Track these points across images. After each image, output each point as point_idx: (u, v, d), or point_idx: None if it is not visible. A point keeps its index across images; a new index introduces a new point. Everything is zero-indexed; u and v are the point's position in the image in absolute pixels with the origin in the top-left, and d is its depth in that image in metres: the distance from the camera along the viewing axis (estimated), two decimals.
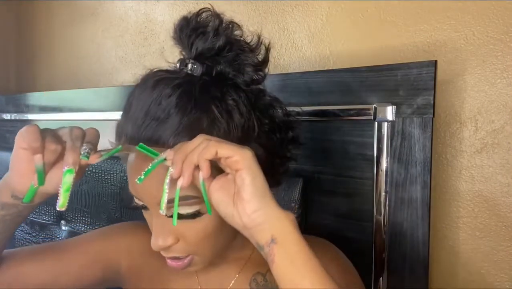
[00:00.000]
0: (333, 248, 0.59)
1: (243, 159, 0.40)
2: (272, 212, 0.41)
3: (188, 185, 0.41)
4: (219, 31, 0.50)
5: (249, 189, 0.40)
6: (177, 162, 0.41)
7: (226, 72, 0.51)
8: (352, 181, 0.73)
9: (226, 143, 0.41)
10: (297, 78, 0.78)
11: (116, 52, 1.29)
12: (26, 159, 0.45)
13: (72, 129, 0.47)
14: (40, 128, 0.46)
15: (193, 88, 0.47)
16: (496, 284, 0.70)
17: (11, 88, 1.65)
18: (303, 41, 0.89)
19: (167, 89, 0.46)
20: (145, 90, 0.48)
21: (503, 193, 0.69)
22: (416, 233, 0.67)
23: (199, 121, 0.45)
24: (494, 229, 0.70)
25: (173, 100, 0.45)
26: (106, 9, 1.32)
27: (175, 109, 0.45)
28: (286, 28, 0.92)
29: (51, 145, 0.45)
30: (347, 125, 0.73)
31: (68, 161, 0.44)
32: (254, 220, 0.40)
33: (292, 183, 0.74)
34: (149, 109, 0.46)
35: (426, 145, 0.65)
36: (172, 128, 0.45)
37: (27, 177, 0.46)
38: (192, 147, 0.41)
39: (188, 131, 0.45)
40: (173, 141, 0.45)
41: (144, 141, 0.45)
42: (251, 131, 0.49)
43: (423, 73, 0.65)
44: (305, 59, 0.89)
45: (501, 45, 0.68)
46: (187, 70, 0.49)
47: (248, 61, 0.51)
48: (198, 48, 0.50)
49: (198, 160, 0.40)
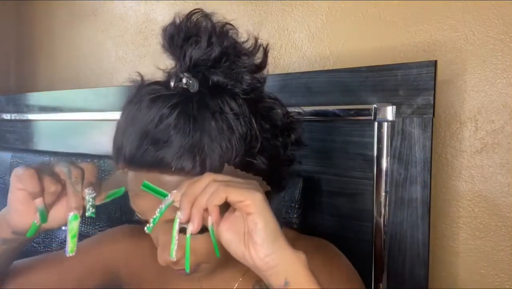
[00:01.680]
0: (333, 249, 0.59)
1: (254, 203, 0.39)
2: (285, 255, 0.40)
3: (198, 230, 0.40)
4: (213, 40, 0.47)
5: (262, 233, 0.39)
6: (185, 206, 0.40)
7: (223, 82, 0.48)
8: (352, 181, 0.73)
9: (235, 187, 0.39)
10: (297, 78, 0.78)
11: (116, 52, 1.29)
12: (24, 199, 0.45)
13: (70, 171, 0.46)
14: (36, 168, 0.45)
15: (191, 106, 0.45)
16: (496, 284, 0.70)
17: (11, 88, 1.65)
18: (303, 41, 0.89)
19: (163, 109, 0.44)
20: (140, 110, 0.46)
21: (503, 193, 0.69)
22: (416, 233, 0.67)
23: (200, 142, 0.44)
24: (494, 229, 0.70)
25: (171, 121, 0.44)
26: (106, 9, 1.32)
27: (174, 131, 0.44)
28: (286, 28, 0.92)
29: (50, 186, 0.45)
30: (347, 125, 0.73)
31: (72, 207, 0.44)
32: (267, 263, 0.40)
33: (292, 183, 0.74)
34: (147, 132, 0.44)
35: (426, 145, 0.65)
36: (173, 152, 0.43)
37: (27, 216, 0.46)
38: (200, 189, 0.40)
39: (189, 154, 0.44)
40: (175, 165, 0.43)
41: (144, 165, 0.44)
42: (254, 142, 0.47)
43: (423, 73, 0.65)
44: (305, 59, 0.89)
45: (501, 45, 0.68)
46: (182, 85, 0.47)
47: (246, 68, 0.49)
48: (192, 58, 0.47)
49: (207, 204, 0.39)
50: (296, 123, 0.54)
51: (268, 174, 0.48)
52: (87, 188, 0.46)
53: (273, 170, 0.50)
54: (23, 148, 1.38)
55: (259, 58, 0.50)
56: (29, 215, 0.46)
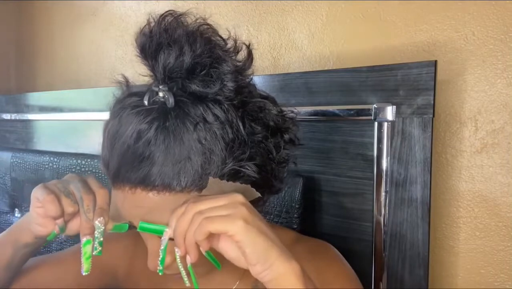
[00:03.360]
0: (333, 251, 0.58)
1: (237, 232, 0.39)
2: (277, 270, 0.40)
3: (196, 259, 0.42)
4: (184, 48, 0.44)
5: (251, 258, 0.40)
6: (179, 243, 0.42)
7: (202, 92, 0.45)
8: (352, 181, 0.73)
9: (216, 218, 0.40)
10: (297, 78, 0.78)
11: (116, 52, 1.29)
12: (44, 214, 0.50)
13: (83, 199, 0.49)
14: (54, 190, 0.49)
15: (170, 119, 0.43)
16: (496, 284, 0.70)
17: (11, 88, 1.65)
18: (303, 41, 0.89)
19: (142, 124, 0.43)
20: (121, 124, 0.45)
21: (503, 193, 0.69)
22: (416, 233, 0.67)
23: (182, 156, 0.43)
24: (494, 229, 0.70)
25: (150, 137, 0.43)
26: (106, 9, 1.32)
27: (154, 147, 0.43)
28: (286, 28, 0.92)
29: (68, 209, 0.49)
30: (347, 125, 0.73)
31: (85, 233, 0.48)
32: (262, 279, 0.41)
33: (292, 183, 0.74)
34: (128, 147, 0.44)
35: (426, 145, 0.65)
36: (155, 169, 0.43)
37: (48, 226, 0.51)
38: (187, 224, 0.41)
39: (172, 169, 0.43)
40: (159, 182, 0.43)
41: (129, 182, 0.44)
42: (243, 148, 0.46)
43: (423, 73, 0.65)
44: (305, 59, 0.89)
45: (501, 45, 0.68)
46: (159, 99, 0.45)
47: (226, 73, 0.46)
48: (166, 69, 0.45)
49: (195, 238, 0.40)
50: (289, 122, 0.52)
51: (262, 178, 0.48)
52: (98, 218, 0.48)
53: (267, 173, 0.49)
54: (23, 148, 1.38)
55: (241, 60, 0.48)
56: (50, 226, 0.50)
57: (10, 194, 1.26)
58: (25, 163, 1.20)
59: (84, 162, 1.05)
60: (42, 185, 0.50)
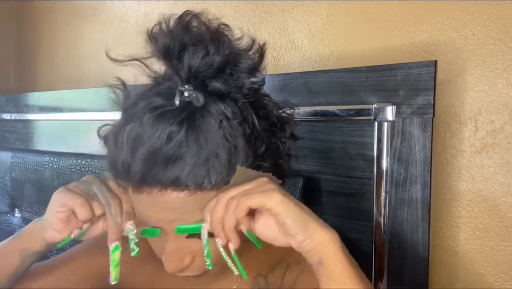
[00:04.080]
0: None
1: (277, 204, 0.42)
2: (318, 238, 0.43)
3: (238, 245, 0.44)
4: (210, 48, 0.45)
5: (291, 228, 0.42)
6: (219, 231, 0.43)
7: (225, 90, 0.47)
8: (352, 181, 0.73)
9: (253, 194, 0.42)
10: (297, 78, 0.78)
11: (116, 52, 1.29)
12: (66, 219, 0.50)
13: (110, 204, 0.48)
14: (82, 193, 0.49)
15: (197, 118, 0.44)
16: (496, 284, 0.70)
17: (11, 88, 1.65)
18: (303, 41, 0.89)
19: (171, 126, 0.43)
20: (144, 128, 0.44)
21: (503, 193, 0.69)
22: (416, 233, 0.67)
23: (212, 154, 0.43)
24: (494, 229, 0.70)
25: (181, 138, 0.43)
26: (106, 9, 1.32)
27: (186, 148, 0.43)
28: (286, 28, 0.92)
29: (98, 211, 0.49)
30: (347, 125, 0.73)
31: (113, 238, 0.47)
32: (303, 249, 0.43)
33: (292, 183, 0.74)
34: (157, 150, 0.43)
35: (426, 145, 0.65)
36: (187, 169, 0.43)
37: (65, 232, 0.50)
38: (222, 212, 0.43)
39: (203, 167, 0.43)
40: (190, 181, 0.43)
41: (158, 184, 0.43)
42: (260, 143, 0.47)
43: (423, 73, 0.65)
44: (305, 59, 0.89)
45: (501, 45, 0.68)
46: (185, 99, 0.45)
47: (244, 70, 0.47)
48: (192, 69, 0.46)
49: (235, 219, 0.42)
50: (288, 118, 0.54)
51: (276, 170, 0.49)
52: (128, 222, 0.48)
53: (277, 167, 0.50)
54: (23, 148, 1.38)
55: (255, 58, 0.49)
56: (67, 231, 0.50)
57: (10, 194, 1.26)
58: (25, 163, 1.20)
59: (84, 162, 1.05)
60: (64, 188, 0.49)
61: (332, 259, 0.43)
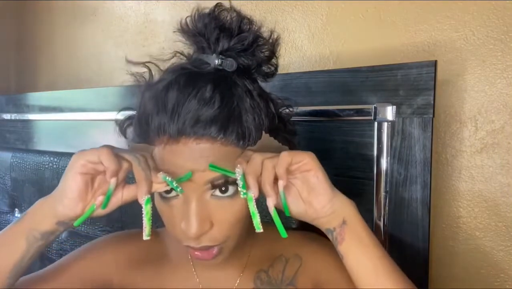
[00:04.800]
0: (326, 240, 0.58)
1: (312, 160, 0.47)
2: (341, 199, 0.48)
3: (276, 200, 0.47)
4: (244, 28, 0.52)
5: (324, 184, 0.47)
6: (252, 184, 0.46)
7: (249, 66, 0.53)
8: (352, 181, 0.73)
9: (293, 152, 0.46)
10: (297, 78, 0.78)
11: (116, 52, 1.29)
12: (84, 184, 0.46)
13: (138, 157, 0.46)
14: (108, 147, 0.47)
15: (229, 82, 0.50)
16: (496, 284, 0.70)
17: (11, 88, 1.65)
18: (303, 41, 0.89)
19: (207, 85, 0.47)
20: (180, 89, 0.47)
21: (503, 193, 0.69)
22: (416, 233, 0.67)
23: (241, 116, 0.48)
24: (494, 229, 0.70)
25: (215, 97, 0.47)
26: (106, 9, 1.32)
27: (221, 104, 0.47)
28: (286, 28, 0.92)
29: (125, 164, 0.46)
30: (347, 125, 0.73)
31: (144, 191, 0.45)
32: (330, 208, 0.47)
33: None
34: (193, 107, 0.46)
35: (426, 145, 0.65)
36: (219, 125, 0.46)
37: (83, 201, 0.46)
38: (258, 167, 0.46)
39: (233, 126, 0.47)
40: (222, 136, 0.46)
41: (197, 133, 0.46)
42: (273, 120, 0.52)
43: (423, 73, 0.65)
44: (305, 59, 0.89)
45: (501, 45, 0.68)
46: (216, 66, 0.51)
47: (265, 56, 0.54)
48: (224, 44, 0.51)
49: (277, 172, 0.46)
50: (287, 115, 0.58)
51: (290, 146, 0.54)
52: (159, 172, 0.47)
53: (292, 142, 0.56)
54: (23, 148, 1.38)
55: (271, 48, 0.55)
56: (85, 200, 0.46)
57: (10, 194, 1.26)
58: (25, 163, 1.20)
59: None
60: (82, 150, 0.46)
61: (355, 220, 0.47)
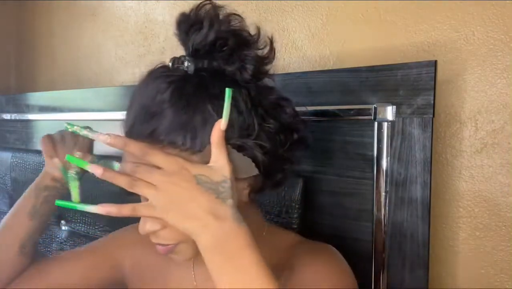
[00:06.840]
0: (330, 251, 0.57)
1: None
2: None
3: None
4: (213, 25, 0.49)
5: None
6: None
7: (221, 68, 0.50)
8: (352, 181, 0.73)
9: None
10: (297, 78, 0.78)
11: (116, 52, 1.29)
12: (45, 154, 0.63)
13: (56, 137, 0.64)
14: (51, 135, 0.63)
15: (187, 85, 0.48)
16: (496, 284, 0.70)
17: (11, 88, 1.65)
18: (303, 41, 0.89)
19: (162, 84, 0.47)
20: (144, 86, 0.50)
21: (503, 193, 0.69)
22: (416, 233, 0.67)
23: (191, 120, 0.46)
24: (494, 229, 0.70)
25: (166, 96, 0.46)
26: (106, 9, 1.32)
27: (168, 105, 0.46)
28: (286, 28, 0.92)
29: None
30: (347, 125, 0.73)
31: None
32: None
33: (292, 183, 0.74)
34: (144, 105, 0.47)
35: (426, 145, 0.65)
36: (164, 126, 0.46)
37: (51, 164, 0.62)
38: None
39: (180, 130, 0.46)
40: (166, 139, 0.46)
41: (139, 136, 0.46)
42: (250, 130, 0.48)
43: (423, 73, 0.65)
44: (305, 59, 0.89)
45: (501, 45, 0.68)
46: (182, 68, 0.50)
47: (248, 56, 0.50)
48: (194, 43, 0.50)
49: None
50: (301, 123, 0.55)
51: (263, 161, 0.49)
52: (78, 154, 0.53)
53: (272, 158, 0.50)
54: (23, 148, 1.38)
55: (263, 51, 0.51)
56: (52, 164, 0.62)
57: (10, 194, 1.26)
58: (25, 163, 1.20)
59: None
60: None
61: None
